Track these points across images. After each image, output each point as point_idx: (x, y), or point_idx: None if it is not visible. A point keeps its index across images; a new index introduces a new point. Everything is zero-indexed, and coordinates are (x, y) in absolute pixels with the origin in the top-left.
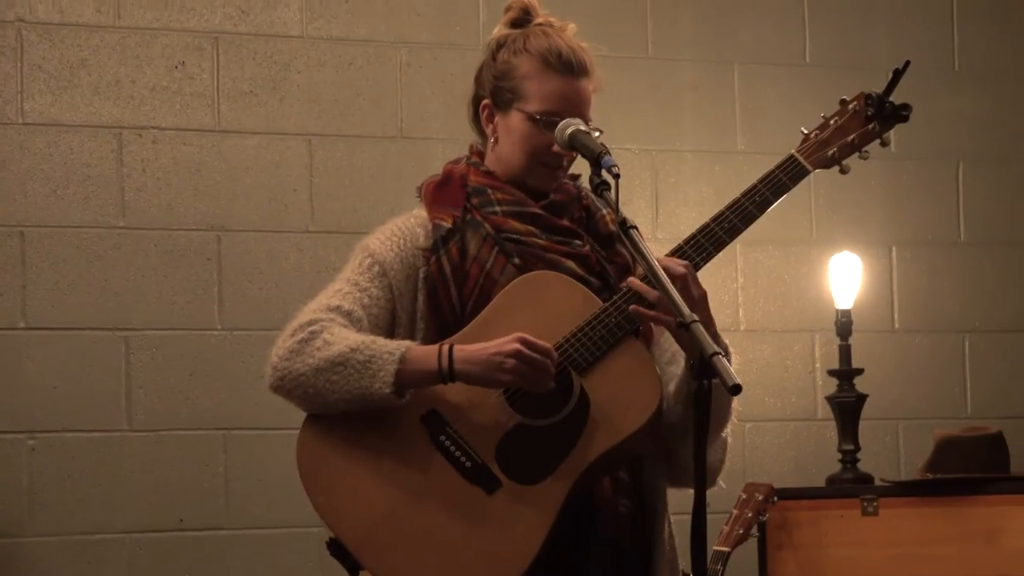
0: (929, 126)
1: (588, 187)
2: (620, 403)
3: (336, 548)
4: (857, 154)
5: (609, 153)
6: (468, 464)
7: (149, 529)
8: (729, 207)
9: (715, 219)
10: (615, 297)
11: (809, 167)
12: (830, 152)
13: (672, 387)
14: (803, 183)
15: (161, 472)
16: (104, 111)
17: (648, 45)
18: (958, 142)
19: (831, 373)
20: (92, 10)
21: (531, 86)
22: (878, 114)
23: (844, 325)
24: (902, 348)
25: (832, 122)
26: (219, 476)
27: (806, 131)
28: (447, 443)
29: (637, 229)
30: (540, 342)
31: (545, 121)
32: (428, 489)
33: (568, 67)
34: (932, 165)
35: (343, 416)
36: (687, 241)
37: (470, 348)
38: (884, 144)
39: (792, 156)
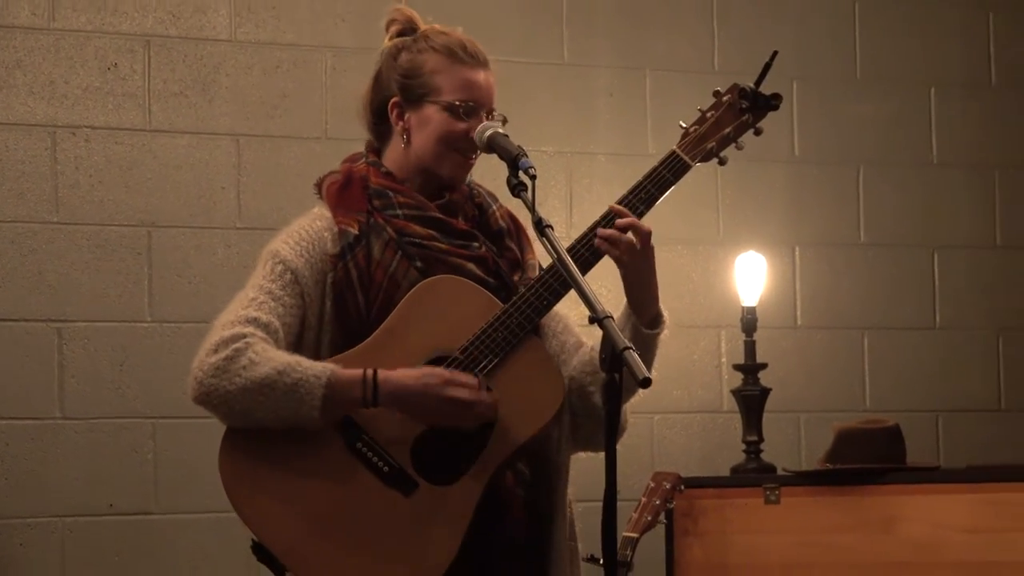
0: (832, 131)
1: (480, 186)
2: (526, 402)
3: (261, 552)
4: (734, 145)
5: (526, 155)
6: (386, 469)
7: (80, 513)
8: (619, 201)
9: (604, 218)
10: (514, 298)
11: (690, 162)
12: (708, 146)
13: (582, 356)
14: (711, 186)
15: (92, 458)
16: (38, 110)
17: (564, 52)
18: (859, 147)
19: (736, 368)
20: (27, 12)
21: (442, 79)
22: (751, 105)
23: (749, 322)
24: (804, 344)
25: (708, 115)
26: (148, 463)
27: (684, 125)
28: (364, 449)
29: (552, 227)
30: (462, 377)
31: (463, 108)
32: (349, 495)
33: (474, 57)
34: (834, 169)
35: (262, 428)
36: (577, 242)
37: (394, 376)
38: (757, 134)
39: (674, 152)
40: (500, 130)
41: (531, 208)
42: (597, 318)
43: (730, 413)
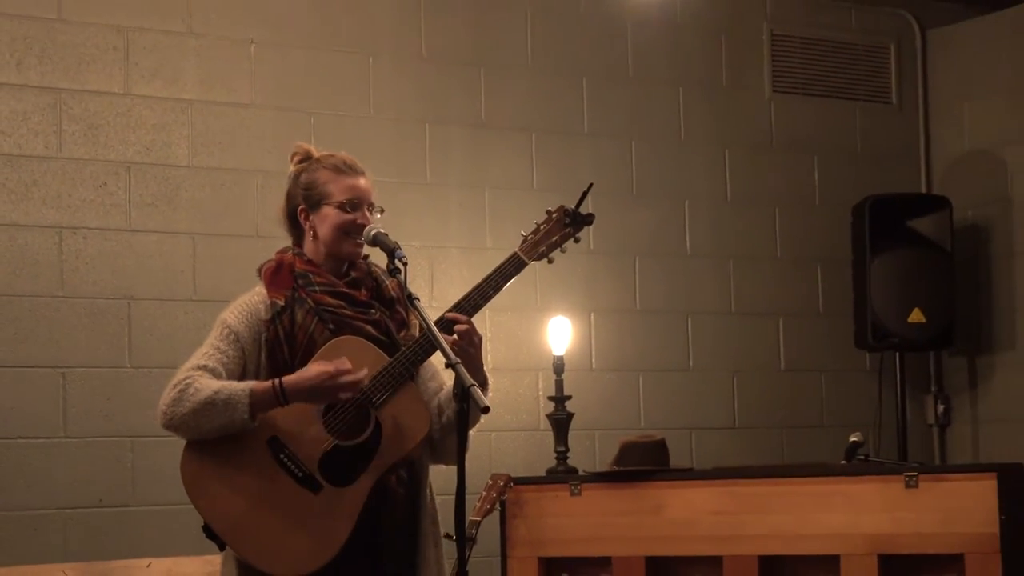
0: (615, 232)
1: (376, 265)
2: (402, 429)
3: (209, 532)
4: (559, 249)
5: (400, 247)
6: (300, 474)
7: (78, 506)
8: (474, 289)
9: (465, 298)
10: (398, 354)
11: (527, 261)
12: (540, 250)
13: (443, 395)
14: (531, 269)
15: (87, 466)
16: (49, 216)
17: (427, 174)
18: (635, 243)
19: (550, 398)
20: (41, 146)
21: (332, 187)
22: (572, 221)
23: (558, 366)
24: (598, 382)
25: (541, 227)
26: (128, 469)
27: (524, 234)
28: (284, 459)
29: (419, 299)
30: (341, 366)
31: (348, 204)
32: (272, 492)
33: (352, 168)
34: (612, 258)
35: (211, 442)
36: (450, 309)
37: (294, 379)
38: (576, 241)
39: (515, 254)
40: (381, 230)
41: (403, 286)
42: (450, 363)
43: (545, 431)
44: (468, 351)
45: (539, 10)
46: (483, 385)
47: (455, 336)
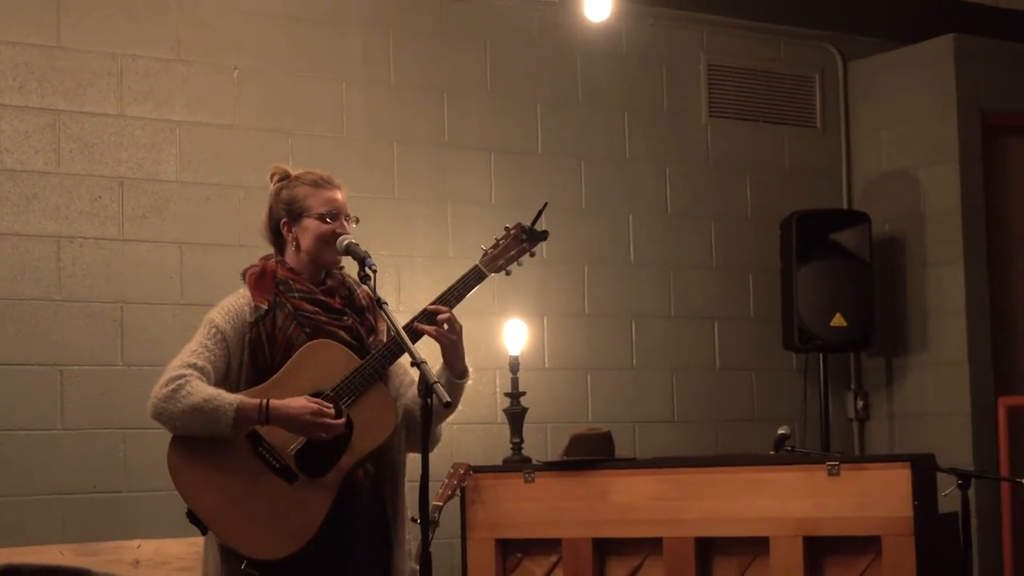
0: (567, 242)
1: (349, 275)
2: (372, 426)
3: (192, 517)
4: (516, 263)
5: (370, 256)
6: (277, 465)
7: (74, 492)
8: (438, 297)
9: (421, 313)
10: (368, 358)
11: (487, 273)
12: (499, 263)
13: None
14: (490, 278)
15: (82, 456)
16: (49, 227)
17: (395, 190)
18: (584, 252)
19: (506, 394)
20: (41, 161)
21: (311, 201)
22: (529, 237)
23: (514, 364)
24: (550, 379)
25: (500, 242)
26: (120, 459)
27: (484, 248)
28: (263, 452)
29: (387, 304)
30: (324, 408)
31: (328, 215)
32: (251, 481)
33: (329, 182)
34: (569, 266)
35: (196, 436)
36: (416, 317)
37: (280, 405)
38: (532, 256)
39: (476, 267)
40: (353, 240)
41: (373, 291)
42: (415, 362)
43: (502, 424)
44: (451, 338)
45: (497, 42)
46: (463, 374)
47: (436, 326)
